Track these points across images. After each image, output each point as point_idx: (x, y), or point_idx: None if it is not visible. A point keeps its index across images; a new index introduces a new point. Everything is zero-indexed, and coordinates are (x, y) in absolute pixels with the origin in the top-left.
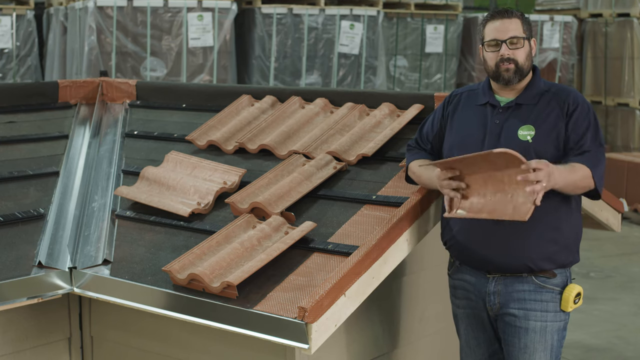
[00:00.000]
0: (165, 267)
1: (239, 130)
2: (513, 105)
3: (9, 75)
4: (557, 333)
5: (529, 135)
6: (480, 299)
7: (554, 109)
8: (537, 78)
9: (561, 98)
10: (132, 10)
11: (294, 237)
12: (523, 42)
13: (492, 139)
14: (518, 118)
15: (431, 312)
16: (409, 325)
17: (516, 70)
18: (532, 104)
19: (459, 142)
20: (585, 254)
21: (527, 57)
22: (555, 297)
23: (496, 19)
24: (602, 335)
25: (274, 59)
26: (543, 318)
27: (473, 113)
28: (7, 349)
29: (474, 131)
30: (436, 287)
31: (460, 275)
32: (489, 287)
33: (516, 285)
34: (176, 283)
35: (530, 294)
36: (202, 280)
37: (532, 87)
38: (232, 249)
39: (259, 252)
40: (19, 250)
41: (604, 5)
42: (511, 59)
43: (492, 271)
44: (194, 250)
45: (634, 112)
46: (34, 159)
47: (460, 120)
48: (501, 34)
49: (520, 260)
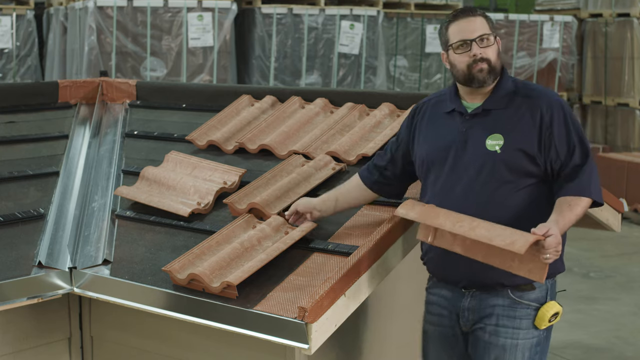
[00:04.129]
0: (165, 267)
1: (239, 130)
2: (480, 111)
3: (9, 75)
4: (530, 350)
5: (497, 145)
6: (454, 314)
7: (524, 115)
8: (504, 78)
9: (533, 103)
10: (132, 10)
11: (294, 237)
12: (492, 39)
13: (458, 150)
14: (485, 126)
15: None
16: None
17: (490, 70)
18: (501, 108)
19: (426, 156)
20: (585, 254)
21: (497, 56)
22: (530, 313)
23: (460, 18)
24: (601, 335)
25: (274, 59)
26: (514, 335)
27: (441, 122)
28: (7, 349)
29: (441, 142)
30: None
31: (437, 290)
32: (463, 303)
33: (491, 300)
34: (176, 283)
35: (504, 310)
36: (202, 280)
37: (499, 89)
38: (232, 249)
39: (259, 252)
40: (19, 250)
41: (604, 5)
42: (484, 59)
43: (468, 286)
44: (194, 250)
45: (634, 112)
46: (34, 159)
47: (427, 130)
48: (469, 34)
49: (495, 275)
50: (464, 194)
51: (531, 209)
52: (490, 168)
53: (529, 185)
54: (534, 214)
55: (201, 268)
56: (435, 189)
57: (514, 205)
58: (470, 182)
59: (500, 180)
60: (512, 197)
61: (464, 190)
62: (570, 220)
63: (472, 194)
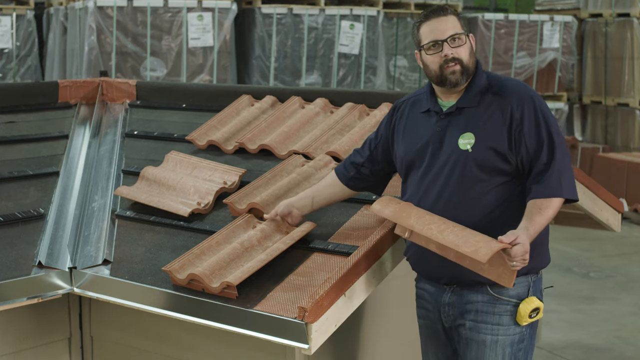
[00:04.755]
0: (165, 267)
1: (239, 130)
2: (454, 110)
3: (9, 75)
4: (511, 346)
5: (469, 144)
6: (436, 310)
7: (495, 113)
8: (478, 75)
9: (504, 100)
10: (132, 10)
11: (294, 237)
12: (464, 38)
13: (435, 150)
14: (458, 124)
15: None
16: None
17: (462, 71)
18: (473, 106)
19: (404, 155)
20: (585, 254)
21: (470, 55)
22: (509, 309)
23: (431, 18)
24: (602, 335)
25: (274, 59)
26: (494, 331)
27: (418, 122)
28: (7, 349)
29: (418, 142)
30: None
31: (422, 285)
32: (444, 298)
33: (470, 296)
34: (176, 283)
35: (484, 306)
36: (202, 280)
37: (472, 86)
38: (232, 249)
39: (259, 252)
40: (19, 250)
41: (604, 5)
42: (456, 59)
43: (448, 282)
44: (194, 250)
45: (634, 112)
46: (34, 159)
47: (405, 130)
48: (440, 34)
49: (473, 272)
50: (440, 193)
51: (505, 207)
52: (463, 167)
53: (502, 184)
54: (509, 212)
55: (201, 268)
56: (413, 188)
57: (487, 204)
58: (445, 181)
59: (473, 179)
60: (486, 196)
61: (440, 189)
62: (541, 224)
63: (447, 193)
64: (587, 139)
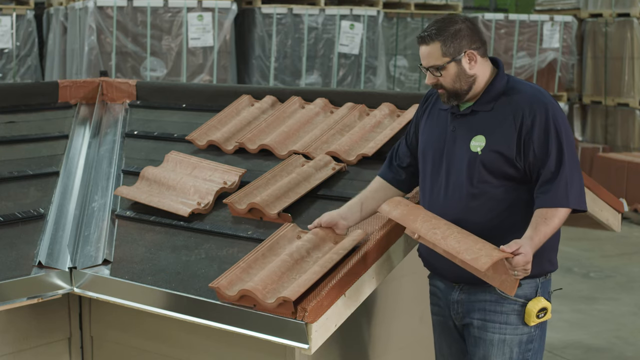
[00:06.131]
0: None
1: (239, 130)
2: (469, 112)
3: (9, 75)
4: (519, 346)
5: (479, 146)
6: (446, 307)
7: (507, 118)
8: (498, 78)
9: (518, 106)
10: (132, 10)
11: (346, 246)
12: (445, 66)
13: (449, 148)
14: (471, 126)
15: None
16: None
17: (449, 95)
18: (488, 110)
19: (423, 148)
20: (585, 254)
21: (455, 80)
22: (517, 309)
23: (419, 43)
24: (602, 335)
25: (274, 59)
26: (502, 330)
27: (437, 118)
28: (7, 349)
29: (434, 138)
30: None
31: (434, 281)
32: (453, 296)
33: (479, 295)
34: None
35: (491, 305)
36: (255, 295)
37: (490, 89)
38: (282, 262)
39: (309, 263)
40: (19, 250)
41: (604, 5)
42: (438, 85)
43: (457, 280)
44: (240, 264)
45: (634, 112)
46: (34, 159)
47: (426, 124)
48: (423, 61)
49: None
50: (450, 193)
51: (512, 212)
52: (473, 169)
53: (510, 188)
54: (516, 217)
55: (252, 283)
56: (426, 183)
57: (494, 207)
58: (456, 181)
59: (481, 181)
60: (493, 199)
61: (450, 189)
62: (546, 234)
63: (457, 194)
64: (587, 139)
